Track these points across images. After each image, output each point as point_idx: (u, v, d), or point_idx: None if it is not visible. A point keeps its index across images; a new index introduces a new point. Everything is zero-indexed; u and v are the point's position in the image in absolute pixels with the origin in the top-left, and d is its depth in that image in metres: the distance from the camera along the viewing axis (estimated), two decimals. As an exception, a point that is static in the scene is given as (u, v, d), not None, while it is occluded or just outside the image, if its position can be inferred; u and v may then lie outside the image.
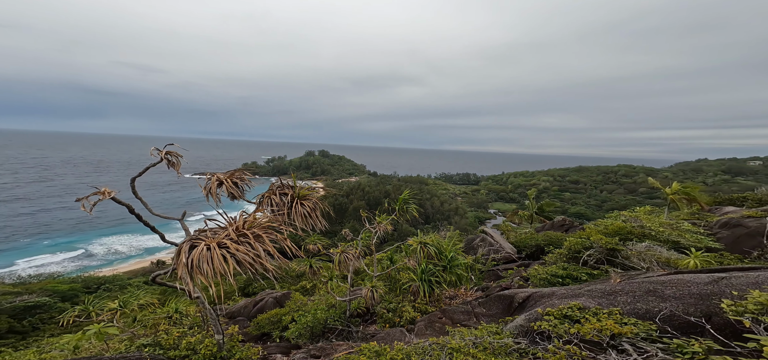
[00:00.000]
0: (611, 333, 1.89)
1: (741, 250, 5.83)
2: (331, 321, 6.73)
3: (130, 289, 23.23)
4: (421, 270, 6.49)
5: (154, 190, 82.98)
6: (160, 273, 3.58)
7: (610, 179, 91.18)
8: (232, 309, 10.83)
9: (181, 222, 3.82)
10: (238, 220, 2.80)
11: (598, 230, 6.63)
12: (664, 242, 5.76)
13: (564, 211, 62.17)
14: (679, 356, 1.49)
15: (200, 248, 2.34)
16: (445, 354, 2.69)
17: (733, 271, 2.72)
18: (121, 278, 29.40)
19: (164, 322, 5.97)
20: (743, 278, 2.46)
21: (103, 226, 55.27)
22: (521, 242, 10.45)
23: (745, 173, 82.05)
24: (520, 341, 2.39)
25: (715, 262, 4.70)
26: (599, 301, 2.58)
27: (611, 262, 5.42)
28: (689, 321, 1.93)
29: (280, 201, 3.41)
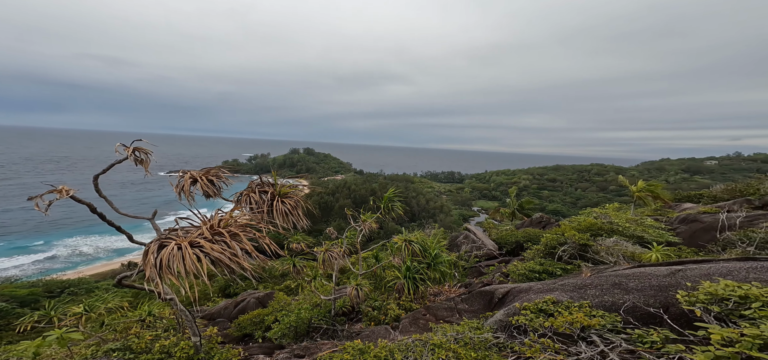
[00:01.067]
0: (581, 325, 2.01)
1: (697, 244, 6.36)
2: (316, 320, 6.67)
3: (97, 292, 21.77)
4: (406, 268, 6.56)
5: (126, 189, 78.14)
6: (127, 274, 3.40)
7: (584, 177, 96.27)
8: (212, 311, 10.48)
9: (151, 222, 3.64)
10: (213, 219, 2.71)
11: (572, 226, 6.99)
12: (630, 237, 6.18)
13: (542, 209, 64.96)
14: (640, 346, 1.61)
15: (170, 248, 2.24)
16: (428, 350, 2.75)
17: (688, 263, 2.97)
18: (87, 281, 27.57)
19: (136, 326, 5.67)
20: (697, 270, 2.69)
21: (67, 228, 51.40)
22: (502, 239, 10.82)
23: (702, 172, 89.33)
24: (500, 336, 2.48)
25: (674, 255, 5.11)
26: (571, 294, 2.73)
27: (583, 257, 5.74)
28: (649, 312, 2.10)
29: (260, 199, 3.33)
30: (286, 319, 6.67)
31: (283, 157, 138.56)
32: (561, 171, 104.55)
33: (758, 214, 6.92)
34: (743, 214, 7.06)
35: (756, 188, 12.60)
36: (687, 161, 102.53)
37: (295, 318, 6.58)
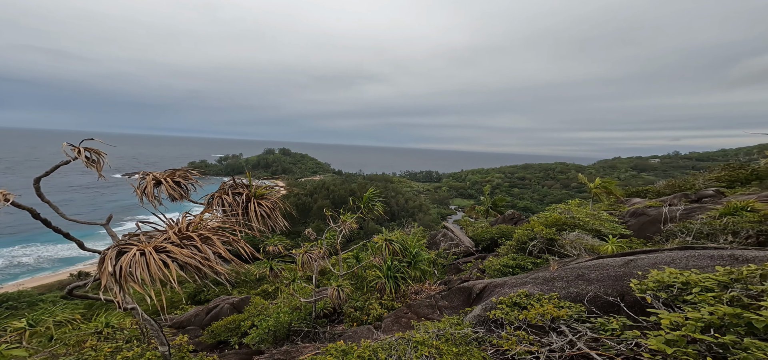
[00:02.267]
0: (552, 317, 2.18)
1: (645, 235, 7.13)
2: (296, 323, 6.53)
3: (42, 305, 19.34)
4: (387, 267, 6.62)
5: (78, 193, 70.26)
6: (79, 284, 3.10)
7: (549, 175, 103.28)
8: (181, 318, 9.85)
9: (106, 227, 3.33)
10: (180, 223, 2.55)
11: (540, 222, 7.49)
12: (589, 231, 6.77)
13: (514, 206, 68.64)
14: (603, 333, 1.79)
15: (131, 253, 2.08)
16: (411, 348, 2.81)
17: (638, 254, 3.33)
18: (29, 294, 24.51)
19: (92, 339, 5.15)
20: (646, 259, 3.03)
21: (4, 236, 45.07)
22: (478, 236, 11.29)
23: (648, 169, 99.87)
24: (479, 330, 2.61)
25: (627, 246, 5.69)
26: (541, 287, 2.94)
27: (551, 251, 6.19)
28: (609, 301, 2.33)
29: (234, 201, 3.18)
30: (264, 323, 6.45)
31: (257, 157, 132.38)
32: (530, 169, 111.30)
33: (694, 207, 7.91)
34: (682, 207, 8.03)
35: (691, 184, 14.40)
36: (635, 160, 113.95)
37: (274, 322, 6.38)
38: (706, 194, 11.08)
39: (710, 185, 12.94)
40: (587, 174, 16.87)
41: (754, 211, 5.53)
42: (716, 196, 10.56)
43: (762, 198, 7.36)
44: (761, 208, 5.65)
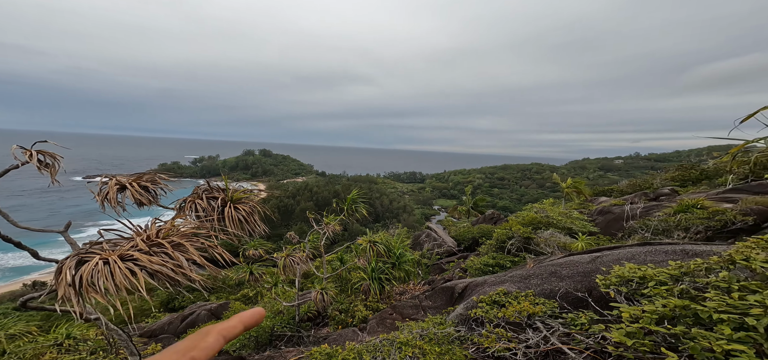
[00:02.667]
0: (528, 314, 2.30)
1: (610, 232, 7.68)
2: (279, 328, 6.40)
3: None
4: (372, 268, 6.64)
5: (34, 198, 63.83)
6: (34, 296, 2.84)
7: (526, 176, 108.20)
8: (153, 327, 9.34)
9: (64, 235, 3.08)
10: (149, 229, 2.43)
11: (517, 221, 7.85)
12: (562, 229, 7.19)
13: (494, 205, 71.09)
14: (573, 328, 1.92)
15: (93, 263, 1.95)
16: (395, 349, 2.84)
17: (604, 250, 3.60)
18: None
19: (51, 352, 4.73)
20: (610, 256, 3.27)
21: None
22: (460, 235, 11.59)
23: (613, 169, 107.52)
24: (461, 329, 2.69)
25: (594, 243, 6.11)
26: (518, 285, 3.10)
27: (527, 249, 6.50)
28: (578, 296, 2.51)
29: (208, 206, 3.05)
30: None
31: (235, 159, 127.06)
32: (508, 170, 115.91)
33: (652, 205, 8.63)
34: (642, 205, 8.74)
35: (650, 183, 15.71)
36: (602, 160, 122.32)
37: (256, 327, 6.20)
38: (662, 193, 12.13)
39: (666, 184, 14.18)
40: (560, 174, 17.94)
41: (703, 208, 6.14)
42: (671, 194, 11.59)
43: (710, 196, 8.18)
44: (709, 205, 6.28)
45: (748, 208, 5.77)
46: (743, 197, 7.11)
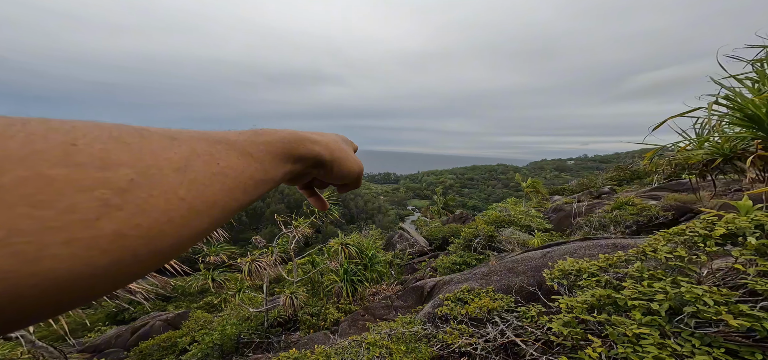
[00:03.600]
0: (488, 309, 2.50)
1: (561, 228, 8.54)
2: (247, 335, 6.13)
3: None
4: (344, 270, 6.62)
5: None
6: None
7: (493, 176, 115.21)
8: (96, 341, 8.46)
9: None
10: None
11: (483, 220, 8.36)
12: (522, 226, 7.83)
13: (463, 205, 74.43)
14: (525, 321, 2.14)
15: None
16: (363, 349, 2.89)
17: (553, 246, 4.02)
18: None
19: None
20: (558, 250, 3.67)
21: None
22: (432, 235, 12.01)
23: (566, 170, 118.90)
24: (428, 327, 2.83)
25: (547, 239, 6.76)
26: (481, 282, 3.33)
27: (492, 247, 6.97)
28: (530, 290, 2.78)
29: None
30: (208, 337, 5.93)
31: None
32: (477, 171, 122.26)
33: (595, 203, 9.75)
34: (586, 203, 9.84)
35: (594, 183, 17.71)
36: (557, 161, 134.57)
37: (220, 335, 5.91)
38: (603, 191, 13.75)
39: (606, 184, 16.09)
40: (522, 175, 19.53)
41: (633, 205, 7.10)
42: (610, 193, 13.18)
43: (639, 194, 9.47)
44: (638, 202, 7.28)
45: (669, 204, 6.81)
46: (665, 195, 8.36)
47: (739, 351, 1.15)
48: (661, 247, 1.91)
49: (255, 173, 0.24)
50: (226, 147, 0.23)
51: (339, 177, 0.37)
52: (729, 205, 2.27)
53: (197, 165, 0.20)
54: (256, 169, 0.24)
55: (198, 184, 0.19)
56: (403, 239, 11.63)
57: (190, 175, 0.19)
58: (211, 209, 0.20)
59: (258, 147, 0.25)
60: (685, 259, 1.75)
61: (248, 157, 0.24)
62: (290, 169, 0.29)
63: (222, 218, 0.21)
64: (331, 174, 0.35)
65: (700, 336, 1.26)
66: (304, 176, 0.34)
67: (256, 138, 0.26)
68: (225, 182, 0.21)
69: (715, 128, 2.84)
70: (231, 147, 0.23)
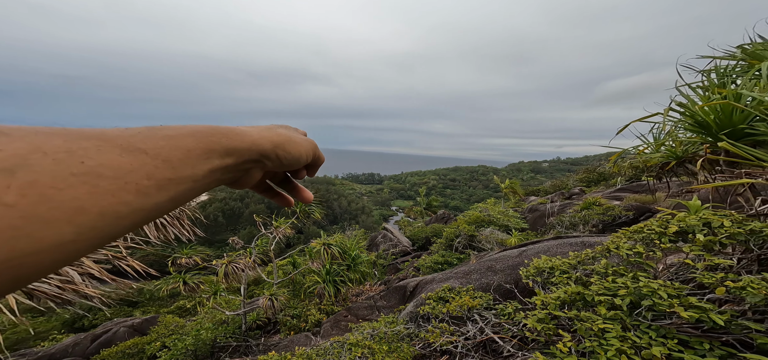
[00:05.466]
0: (468, 307, 2.57)
1: (537, 228, 8.99)
2: (223, 339, 5.90)
3: None
4: (326, 271, 6.53)
5: None
6: None
7: (474, 177, 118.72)
8: (50, 351, 7.85)
9: None
10: None
11: (464, 220, 8.60)
12: (500, 226, 8.15)
13: (446, 205, 76.04)
14: (502, 318, 2.23)
15: None
16: (345, 350, 2.87)
17: (528, 244, 4.23)
18: None
19: None
20: (533, 249, 3.85)
21: None
22: (414, 235, 12.16)
23: (541, 172, 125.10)
24: (410, 326, 2.86)
25: (524, 238, 7.09)
26: (461, 280, 3.42)
27: (472, 246, 7.19)
28: (507, 288, 2.90)
29: None
30: (181, 343, 5.64)
31: None
32: (459, 172, 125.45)
33: (567, 203, 10.35)
34: (559, 203, 10.42)
35: (566, 184, 18.81)
36: (533, 163, 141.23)
37: (193, 340, 5.64)
38: (574, 192, 14.62)
39: (577, 185, 17.14)
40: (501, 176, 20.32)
41: (600, 205, 7.62)
42: (580, 193, 14.05)
43: (605, 194, 10.17)
44: (604, 203, 7.81)
45: (630, 204, 7.38)
46: (627, 195, 9.05)
47: (690, 341, 1.27)
48: (622, 244, 2.07)
49: (154, 172, 0.21)
50: (99, 143, 0.20)
51: (291, 162, 0.35)
52: (682, 204, 2.50)
53: (42, 164, 0.16)
54: (156, 166, 0.21)
55: (41, 187, 0.16)
56: (386, 239, 11.67)
57: (27, 176, 0.16)
58: (77, 216, 0.17)
59: (155, 142, 0.22)
60: (643, 255, 1.91)
61: (138, 153, 0.21)
62: (219, 165, 0.27)
63: (110, 225, 0.19)
64: (281, 161, 0.34)
65: (656, 328, 1.38)
66: (245, 173, 0.32)
67: (151, 133, 0.23)
68: (98, 183, 0.18)
69: (671, 133, 3.11)
70: (107, 143, 0.20)
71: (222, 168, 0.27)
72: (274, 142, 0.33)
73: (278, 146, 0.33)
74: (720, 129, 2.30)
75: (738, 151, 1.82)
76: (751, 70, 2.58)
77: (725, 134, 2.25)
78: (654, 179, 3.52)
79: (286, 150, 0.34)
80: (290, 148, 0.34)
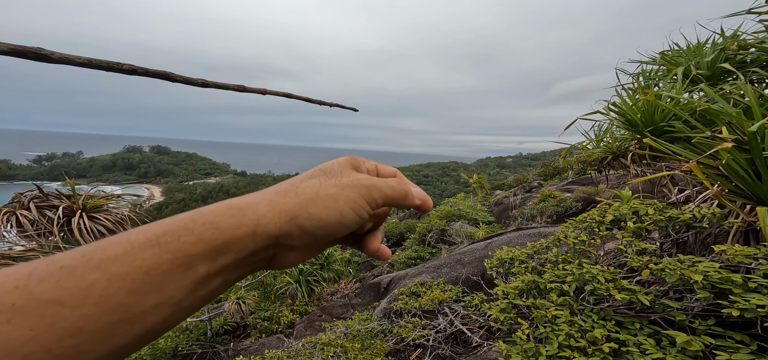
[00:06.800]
0: (439, 301, 2.68)
1: (502, 220, 9.63)
2: (186, 346, 5.52)
3: None
4: (298, 271, 6.36)
5: None
6: None
7: (445, 173, 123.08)
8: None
9: None
10: None
11: (436, 215, 8.91)
12: (469, 220, 8.58)
13: (419, 200, 77.63)
14: (470, 309, 2.36)
15: None
16: (318, 350, 2.85)
17: (494, 237, 4.52)
18: None
19: None
20: (497, 241, 4.13)
21: None
22: (389, 231, 12.29)
23: (506, 167, 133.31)
24: (384, 322, 2.91)
25: (490, 231, 7.56)
26: (433, 274, 3.56)
27: (443, 240, 7.48)
28: (474, 280, 3.09)
29: (41, 218, 2.32)
30: (135, 354, 5.13)
31: (111, 156, 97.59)
32: (431, 168, 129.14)
33: (527, 196, 11.22)
34: (520, 196, 11.26)
35: (526, 178, 20.38)
36: (498, 159, 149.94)
37: (150, 351, 5.20)
38: (533, 186, 15.88)
39: (536, 179, 18.64)
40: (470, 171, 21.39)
41: (554, 197, 8.37)
42: (538, 187, 15.31)
43: (559, 187, 11.20)
44: (557, 195, 8.60)
45: (579, 196, 8.21)
46: (576, 188, 10.05)
47: (624, 322, 1.46)
48: (569, 233, 2.30)
49: (82, 325, 0.16)
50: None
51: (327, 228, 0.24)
52: (617, 195, 2.83)
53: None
54: (84, 317, 0.16)
55: None
56: (360, 235, 11.64)
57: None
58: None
59: (79, 280, 0.17)
60: (586, 243, 2.15)
61: (45, 309, 0.16)
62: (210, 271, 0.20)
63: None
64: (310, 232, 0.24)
65: (597, 311, 1.56)
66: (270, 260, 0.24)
67: (73, 266, 0.17)
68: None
69: (608, 130, 3.51)
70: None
71: (217, 272, 0.20)
72: (291, 213, 0.23)
73: (298, 216, 0.23)
74: (645, 126, 2.65)
75: (659, 147, 2.11)
76: (669, 74, 3.00)
77: (649, 131, 2.60)
78: (596, 172, 3.95)
79: (312, 216, 0.24)
80: (318, 212, 0.24)
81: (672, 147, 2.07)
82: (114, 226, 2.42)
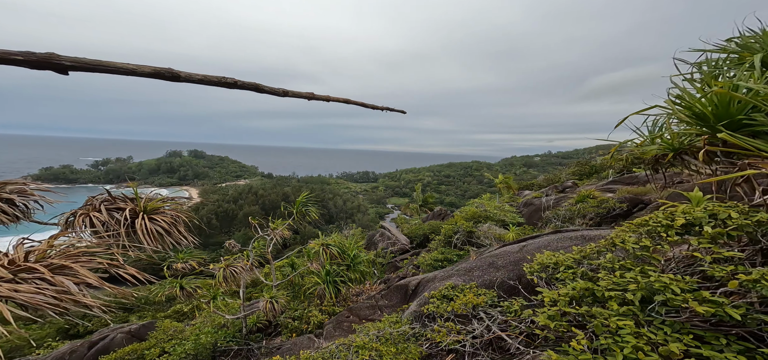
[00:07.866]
0: (473, 305, 2.56)
1: (533, 222, 9.08)
2: (223, 342, 5.88)
3: None
4: (326, 272, 6.47)
5: None
6: None
7: (468, 173, 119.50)
8: (46, 359, 7.84)
9: None
10: (16, 252, 2.00)
11: (461, 217, 8.63)
12: (497, 221, 8.19)
13: (442, 202, 76.45)
14: (509, 315, 2.22)
15: None
16: (352, 353, 2.84)
17: (528, 239, 4.25)
18: None
19: None
20: (533, 244, 3.88)
21: None
22: (412, 233, 12.16)
23: (533, 166, 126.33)
24: (415, 326, 2.84)
25: (522, 233, 7.15)
26: (464, 278, 3.42)
27: (470, 242, 7.22)
28: (511, 284, 2.91)
29: (110, 219, 2.56)
30: (180, 348, 5.59)
31: (157, 161, 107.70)
32: (453, 168, 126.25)
33: (561, 197, 10.49)
34: (554, 197, 10.55)
35: (559, 178, 19.10)
36: (525, 158, 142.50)
37: (193, 345, 5.60)
38: (567, 186, 14.85)
39: (569, 178, 17.42)
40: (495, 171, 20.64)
41: (594, 197, 7.73)
42: (573, 186, 14.28)
43: (598, 187, 10.34)
44: (597, 195, 7.94)
45: (623, 196, 7.51)
46: (619, 188, 9.21)
47: (705, 336, 1.27)
48: (628, 238, 2.08)
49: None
50: None
51: None
52: (680, 195, 2.51)
53: None
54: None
55: None
56: (384, 238, 11.65)
57: None
58: None
59: None
60: (650, 248, 1.92)
61: None
62: None
63: None
64: None
65: (670, 323, 1.38)
66: None
67: None
68: None
69: (665, 126, 3.14)
70: None
71: None
72: None
73: None
74: (718, 120, 2.33)
75: (739, 142, 1.83)
76: (744, 63, 2.62)
77: (723, 125, 2.28)
78: (651, 171, 3.56)
79: None
80: None
81: (755, 142, 1.79)
82: (169, 226, 2.63)
